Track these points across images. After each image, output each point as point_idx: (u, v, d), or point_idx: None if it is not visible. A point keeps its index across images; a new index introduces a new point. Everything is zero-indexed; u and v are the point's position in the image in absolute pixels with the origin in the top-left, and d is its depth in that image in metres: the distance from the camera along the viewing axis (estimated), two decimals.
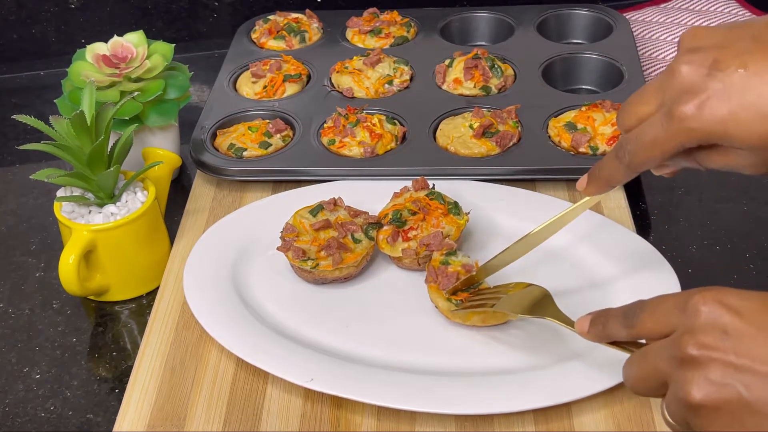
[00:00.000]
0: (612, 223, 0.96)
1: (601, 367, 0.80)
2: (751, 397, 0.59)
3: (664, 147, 0.68)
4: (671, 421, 0.65)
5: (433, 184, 0.98)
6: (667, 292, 0.74)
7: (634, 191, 1.06)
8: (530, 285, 0.83)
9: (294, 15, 1.34)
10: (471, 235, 0.97)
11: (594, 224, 0.96)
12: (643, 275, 0.88)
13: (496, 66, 1.17)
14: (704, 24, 1.35)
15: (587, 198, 0.81)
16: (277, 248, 0.93)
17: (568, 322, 0.78)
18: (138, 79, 1.07)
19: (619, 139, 0.72)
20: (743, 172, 0.69)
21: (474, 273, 0.87)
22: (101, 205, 0.95)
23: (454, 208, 0.95)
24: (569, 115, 1.09)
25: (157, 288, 0.96)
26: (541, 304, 0.81)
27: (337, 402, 0.82)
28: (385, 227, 0.94)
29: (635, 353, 0.67)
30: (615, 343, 0.71)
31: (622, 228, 0.95)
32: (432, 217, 0.94)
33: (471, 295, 0.86)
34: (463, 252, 0.92)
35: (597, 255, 0.93)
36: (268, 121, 1.13)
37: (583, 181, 0.79)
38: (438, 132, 1.10)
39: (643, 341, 0.68)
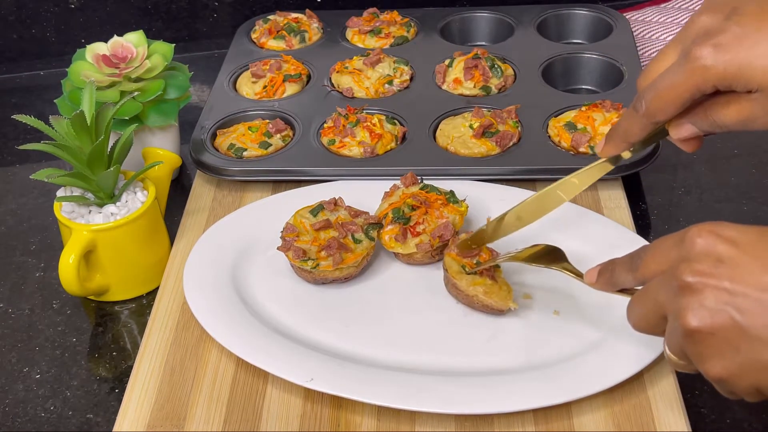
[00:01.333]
0: (612, 223, 0.96)
1: (601, 367, 0.80)
2: (746, 322, 0.60)
3: (681, 90, 0.69)
4: (671, 355, 0.66)
5: (422, 178, 0.99)
6: None
7: (634, 191, 1.06)
8: (543, 244, 0.84)
9: (294, 15, 1.34)
10: None
11: (594, 224, 0.96)
12: None
13: (496, 66, 1.17)
14: None
15: (603, 159, 0.82)
16: (278, 248, 0.93)
17: (578, 274, 0.80)
18: (138, 79, 1.07)
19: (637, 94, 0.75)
20: (757, 127, 0.69)
21: (484, 227, 0.88)
22: (101, 205, 0.95)
23: (451, 197, 0.96)
24: (569, 115, 1.09)
25: (157, 288, 0.96)
26: (553, 257, 0.83)
27: (337, 402, 0.82)
28: (389, 227, 0.94)
29: (637, 292, 0.69)
30: (623, 291, 0.73)
31: (622, 228, 0.95)
32: (434, 208, 0.94)
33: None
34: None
35: (596, 255, 0.92)
36: (268, 121, 1.13)
37: (601, 144, 0.80)
38: (438, 132, 1.10)
39: None
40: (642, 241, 0.93)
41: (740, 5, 0.68)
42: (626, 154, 0.80)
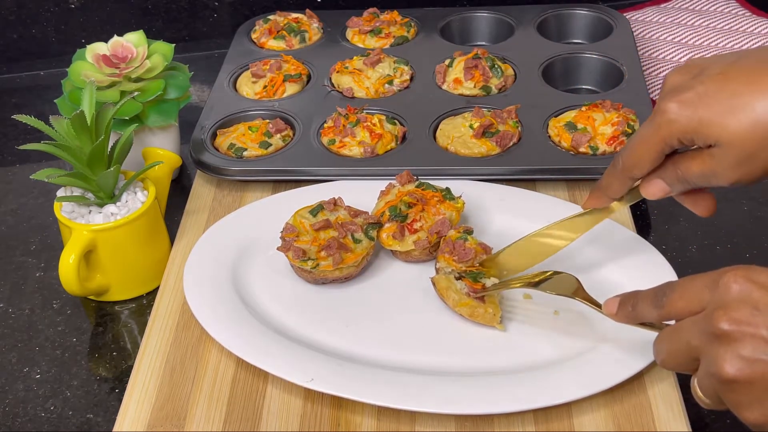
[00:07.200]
0: (612, 223, 0.96)
1: (601, 367, 0.80)
2: None
3: (650, 143, 0.73)
4: (703, 396, 0.67)
5: (417, 177, 0.99)
6: None
7: None
8: (557, 272, 0.84)
9: (294, 15, 1.34)
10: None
11: None
12: (643, 275, 0.88)
13: (496, 66, 1.17)
14: (704, 23, 1.36)
15: (587, 210, 0.85)
16: (277, 248, 0.93)
17: (596, 304, 0.80)
18: (138, 79, 1.07)
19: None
20: (719, 182, 0.72)
21: (489, 255, 0.89)
22: (101, 205, 0.95)
23: (447, 194, 0.96)
24: (569, 115, 1.09)
25: (157, 288, 0.96)
26: (569, 286, 0.83)
27: (337, 402, 0.82)
28: (386, 225, 0.94)
29: (667, 329, 0.69)
30: (644, 324, 0.74)
31: (622, 228, 0.95)
32: (431, 205, 0.94)
33: (491, 287, 0.87)
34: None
35: (597, 255, 0.93)
36: (268, 121, 1.13)
37: (586, 197, 0.84)
38: (438, 132, 1.10)
39: (671, 322, 0.70)
40: (642, 241, 0.93)
41: (709, 66, 0.72)
42: (616, 206, 0.83)
